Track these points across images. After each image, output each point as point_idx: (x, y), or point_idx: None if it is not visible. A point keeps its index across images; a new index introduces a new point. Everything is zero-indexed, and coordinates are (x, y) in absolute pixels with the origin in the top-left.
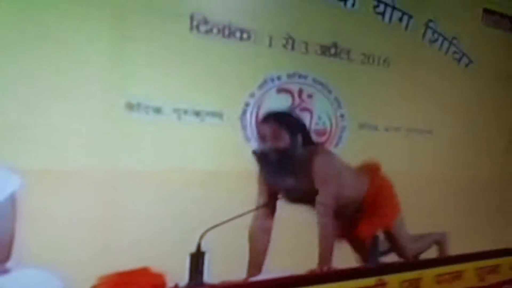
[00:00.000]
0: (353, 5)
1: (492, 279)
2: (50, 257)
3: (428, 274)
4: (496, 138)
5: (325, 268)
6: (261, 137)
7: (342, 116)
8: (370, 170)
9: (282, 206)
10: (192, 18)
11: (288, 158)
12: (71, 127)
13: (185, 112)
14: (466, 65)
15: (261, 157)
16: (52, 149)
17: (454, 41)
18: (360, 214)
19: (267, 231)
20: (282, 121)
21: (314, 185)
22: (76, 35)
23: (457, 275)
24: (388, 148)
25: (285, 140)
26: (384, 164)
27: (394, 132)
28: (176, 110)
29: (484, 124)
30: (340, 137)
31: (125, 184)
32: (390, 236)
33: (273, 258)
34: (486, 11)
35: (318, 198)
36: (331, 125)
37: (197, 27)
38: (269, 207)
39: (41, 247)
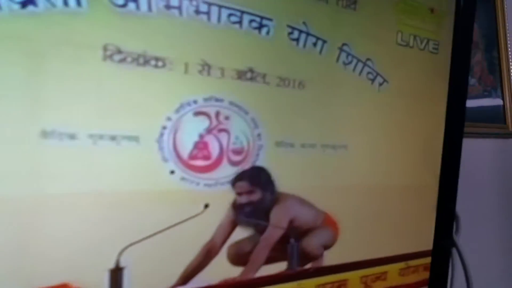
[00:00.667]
0: (267, 32)
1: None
2: None
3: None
4: (408, 150)
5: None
6: (237, 192)
7: (259, 135)
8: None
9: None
10: (105, 49)
11: (259, 208)
12: None
13: (101, 137)
14: (380, 84)
15: (238, 207)
16: None
17: (368, 62)
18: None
19: (216, 252)
20: (255, 180)
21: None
22: None
23: (341, 284)
24: (305, 163)
25: (258, 194)
26: (301, 178)
27: (310, 149)
28: (91, 136)
29: (396, 138)
30: (257, 155)
31: (44, 208)
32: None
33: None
34: (400, 32)
35: (266, 235)
36: (248, 144)
37: (111, 56)
38: (226, 234)
39: None
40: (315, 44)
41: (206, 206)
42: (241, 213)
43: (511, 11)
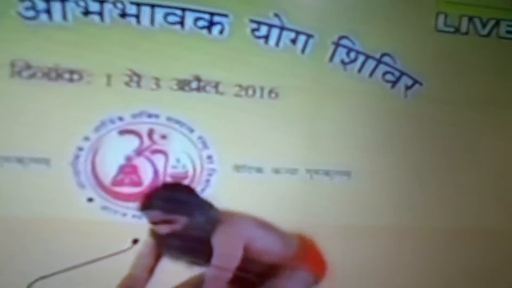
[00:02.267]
0: (221, 32)
1: None
2: None
3: None
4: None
5: None
6: (151, 222)
7: (209, 157)
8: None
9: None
10: (12, 65)
11: (190, 236)
12: None
13: (6, 159)
14: (408, 88)
15: (159, 238)
16: None
17: (386, 59)
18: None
19: (148, 271)
20: (170, 207)
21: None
22: None
23: None
24: (279, 193)
25: (181, 222)
26: (271, 213)
27: (289, 175)
28: None
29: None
30: (207, 181)
31: None
32: None
33: None
34: (443, 14)
35: (211, 271)
36: (194, 168)
37: (19, 73)
38: (149, 267)
39: None
40: (294, 41)
41: (135, 241)
42: (165, 246)
43: None
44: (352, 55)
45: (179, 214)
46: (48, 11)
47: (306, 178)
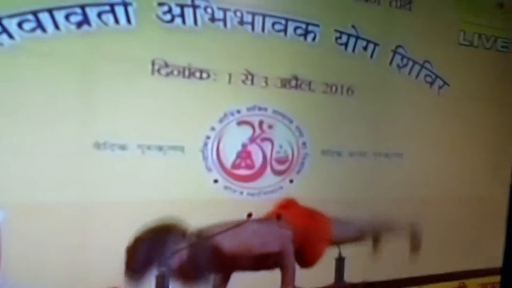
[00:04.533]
0: (313, 39)
1: None
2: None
3: None
4: (473, 159)
5: None
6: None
7: (304, 143)
8: (287, 213)
9: None
10: (153, 63)
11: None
12: (46, 165)
13: (149, 147)
14: (440, 87)
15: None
16: (30, 185)
17: (426, 64)
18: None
19: None
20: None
21: None
22: (50, 83)
23: None
24: (353, 173)
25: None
26: (347, 188)
27: (360, 157)
28: (140, 146)
29: (460, 145)
30: (302, 164)
31: (95, 214)
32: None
33: None
34: (463, 31)
35: None
36: (292, 153)
37: (158, 71)
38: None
39: (22, 268)
40: (365, 48)
41: (249, 215)
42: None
43: None
44: (404, 61)
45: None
46: (182, 16)
47: (373, 160)
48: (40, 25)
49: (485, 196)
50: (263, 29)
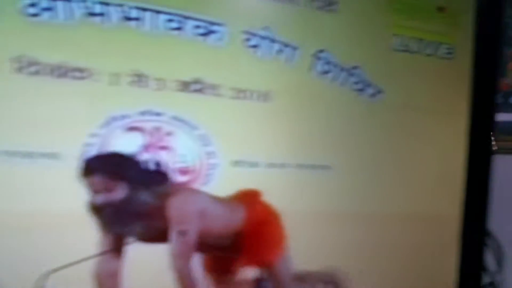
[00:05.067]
0: (218, 40)
1: None
2: None
3: None
4: (415, 172)
5: None
6: (92, 190)
7: (211, 153)
8: (247, 200)
9: (136, 247)
10: (16, 61)
11: (130, 207)
12: None
13: (14, 154)
14: (373, 95)
15: (96, 209)
16: None
17: (355, 71)
18: (237, 249)
19: (113, 276)
20: (116, 172)
21: (171, 225)
22: None
23: None
24: (271, 185)
25: (122, 190)
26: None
27: (279, 169)
28: (5, 153)
29: (397, 157)
30: (209, 175)
31: None
32: (272, 275)
33: None
34: (397, 36)
35: (174, 239)
36: (197, 163)
37: (24, 68)
38: (114, 251)
39: None
40: (281, 51)
41: None
42: (105, 219)
43: None
44: (329, 66)
45: (121, 180)
46: (51, 9)
47: (295, 172)
48: None
49: (432, 213)
50: (154, 26)
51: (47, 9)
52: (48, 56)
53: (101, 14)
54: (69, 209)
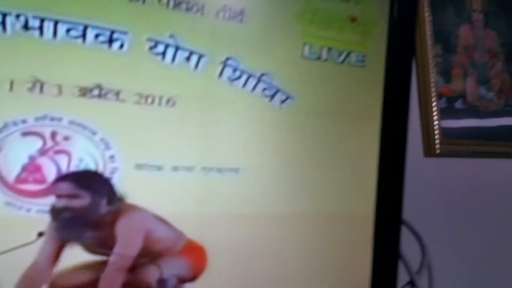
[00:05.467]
0: (120, 47)
1: None
2: None
3: None
4: (327, 174)
5: None
6: (57, 195)
7: (112, 157)
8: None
9: (78, 254)
10: None
11: (87, 215)
12: None
13: None
14: (283, 101)
15: (55, 212)
16: None
17: (264, 77)
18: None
19: (42, 279)
20: (83, 183)
21: (116, 241)
22: None
23: None
24: (177, 188)
25: (84, 199)
26: (171, 205)
27: (185, 172)
28: None
29: (309, 160)
30: (110, 179)
31: None
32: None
33: None
34: (308, 45)
35: (116, 253)
36: (97, 167)
37: None
38: (52, 253)
39: None
40: (188, 59)
41: (40, 234)
42: (59, 222)
43: None
44: (237, 73)
45: (85, 192)
46: None
47: (201, 174)
48: None
49: (347, 213)
50: (54, 35)
51: None
52: None
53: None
54: None
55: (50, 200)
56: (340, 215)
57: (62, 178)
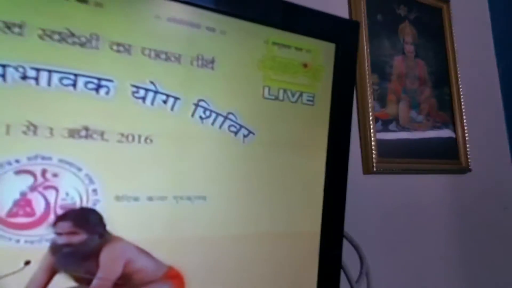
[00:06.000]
0: (107, 92)
1: None
2: None
3: None
4: (282, 198)
5: None
6: (57, 232)
7: (94, 190)
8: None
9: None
10: None
11: (83, 250)
12: None
13: None
14: (245, 136)
15: (55, 248)
16: None
17: (230, 116)
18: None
19: (41, 285)
20: (80, 221)
21: (98, 270)
22: None
23: None
24: (152, 216)
25: (81, 236)
26: (146, 231)
27: (159, 201)
28: None
29: (267, 187)
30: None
31: None
32: None
33: None
34: (268, 87)
35: (98, 277)
36: (81, 199)
37: None
38: (43, 282)
39: None
40: (165, 101)
41: (27, 262)
42: (59, 255)
43: (462, 47)
44: (207, 113)
45: (83, 229)
46: None
47: (173, 203)
48: None
49: (299, 231)
50: (49, 84)
51: None
52: None
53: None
54: None
55: (37, 231)
56: (293, 233)
57: (61, 217)
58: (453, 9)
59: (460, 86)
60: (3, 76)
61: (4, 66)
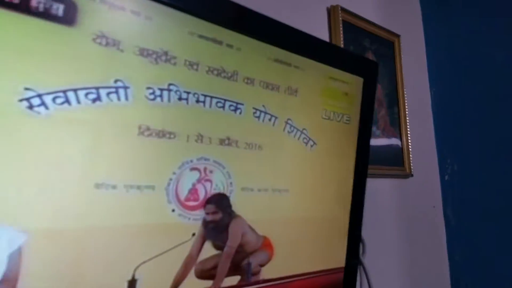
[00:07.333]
0: (240, 112)
1: None
2: None
3: None
4: (329, 191)
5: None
6: (206, 212)
7: (231, 183)
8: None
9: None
10: (139, 127)
11: (221, 225)
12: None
13: (131, 186)
14: (312, 146)
15: (205, 223)
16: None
17: (304, 131)
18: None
19: (193, 262)
20: (219, 203)
21: (227, 238)
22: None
23: None
24: (259, 202)
25: (219, 214)
26: (256, 213)
27: (264, 192)
28: (125, 186)
29: (322, 183)
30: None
31: (88, 239)
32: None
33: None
34: (325, 109)
35: (228, 245)
36: (224, 189)
37: (143, 133)
38: (199, 247)
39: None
40: (270, 119)
41: (193, 234)
42: (207, 228)
43: (407, 74)
44: (292, 128)
45: (220, 209)
46: (161, 96)
47: (271, 194)
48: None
49: (331, 216)
50: (210, 105)
51: (159, 95)
52: (156, 123)
53: (185, 99)
54: (158, 221)
55: (199, 212)
56: (332, 217)
57: (208, 201)
58: (402, 42)
59: (406, 106)
60: (187, 100)
61: (188, 92)
